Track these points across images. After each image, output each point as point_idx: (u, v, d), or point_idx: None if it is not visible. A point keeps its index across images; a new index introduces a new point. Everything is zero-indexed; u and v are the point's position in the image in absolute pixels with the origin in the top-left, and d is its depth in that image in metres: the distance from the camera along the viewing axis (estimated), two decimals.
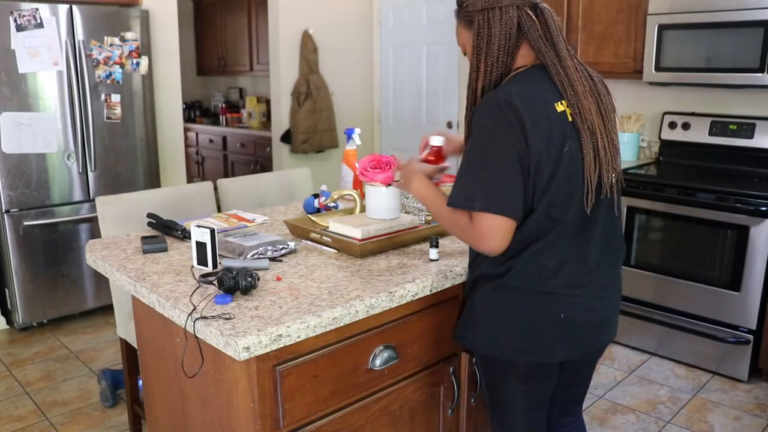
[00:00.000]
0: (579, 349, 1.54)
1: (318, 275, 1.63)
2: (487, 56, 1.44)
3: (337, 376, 1.46)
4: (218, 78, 7.66)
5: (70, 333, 3.67)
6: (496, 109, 1.37)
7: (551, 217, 1.41)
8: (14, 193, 3.51)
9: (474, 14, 1.44)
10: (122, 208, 2.38)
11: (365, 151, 5.21)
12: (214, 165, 6.90)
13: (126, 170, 3.86)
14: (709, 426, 2.72)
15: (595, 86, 1.45)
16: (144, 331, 1.76)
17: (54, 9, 3.46)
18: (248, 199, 2.73)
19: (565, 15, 3.78)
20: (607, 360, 3.32)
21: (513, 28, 1.41)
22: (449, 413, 1.80)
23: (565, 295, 1.46)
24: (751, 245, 2.94)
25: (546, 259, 1.44)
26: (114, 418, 2.78)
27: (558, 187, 1.39)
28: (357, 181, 2.40)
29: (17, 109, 3.44)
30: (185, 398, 1.60)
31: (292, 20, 4.86)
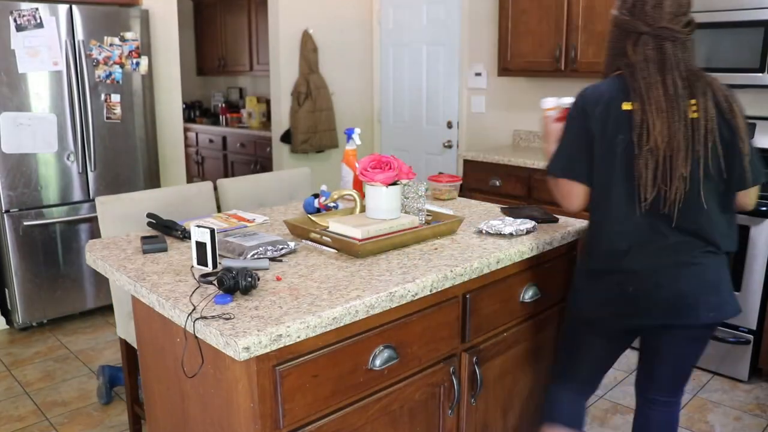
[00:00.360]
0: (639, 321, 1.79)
1: (318, 275, 1.63)
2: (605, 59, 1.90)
3: (337, 376, 1.46)
4: (218, 78, 7.66)
5: (70, 333, 3.67)
6: (576, 100, 1.81)
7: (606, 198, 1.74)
8: (14, 193, 3.51)
9: (610, 29, 1.84)
10: (122, 208, 2.38)
11: (365, 151, 5.21)
12: (214, 165, 6.90)
13: (126, 170, 3.86)
14: (709, 426, 2.72)
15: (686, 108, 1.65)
16: (144, 331, 1.76)
17: (54, 9, 3.46)
18: (248, 199, 2.72)
19: (565, 15, 3.79)
20: None
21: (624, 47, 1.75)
22: (449, 413, 1.80)
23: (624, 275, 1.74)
24: (751, 245, 2.94)
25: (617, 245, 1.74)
26: (114, 418, 2.78)
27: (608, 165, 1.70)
28: (357, 181, 2.40)
29: (17, 109, 3.44)
30: (185, 398, 1.60)
31: (292, 20, 4.86)
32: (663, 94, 1.64)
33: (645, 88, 1.65)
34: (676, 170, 1.62)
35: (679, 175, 1.62)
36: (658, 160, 1.62)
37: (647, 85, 1.66)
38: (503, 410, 2.03)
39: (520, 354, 2.03)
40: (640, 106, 1.65)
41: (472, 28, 4.66)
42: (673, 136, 1.62)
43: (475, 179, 4.05)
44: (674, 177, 1.63)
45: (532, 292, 1.97)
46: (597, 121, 1.70)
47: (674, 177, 1.63)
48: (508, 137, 4.62)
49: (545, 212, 2.21)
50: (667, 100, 1.64)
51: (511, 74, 4.17)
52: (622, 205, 1.70)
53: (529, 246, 1.91)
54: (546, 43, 3.91)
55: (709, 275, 1.73)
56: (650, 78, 1.66)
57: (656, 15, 1.68)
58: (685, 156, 1.63)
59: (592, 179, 1.74)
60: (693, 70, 1.68)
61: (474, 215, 2.28)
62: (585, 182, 1.76)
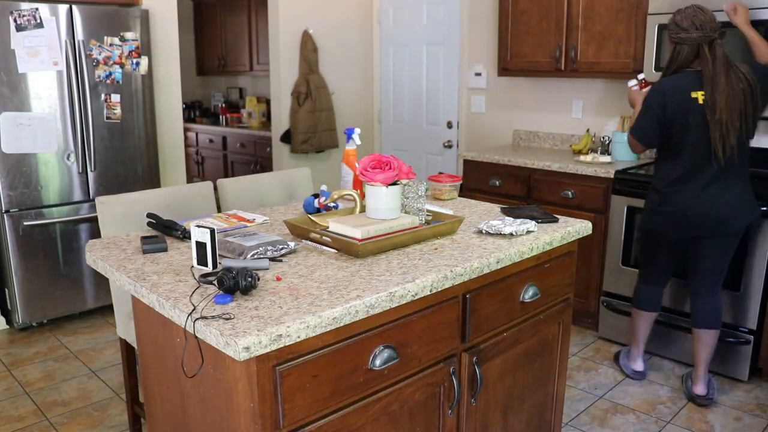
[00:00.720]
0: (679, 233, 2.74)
1: (318, 275, 1.63)
2: (672, 63, 2.65)
3: (337, 376, 1.46)
4: (218, 78, 7.66)
5: (70, 333, 3.67)
6: (655, 86, 2.68)
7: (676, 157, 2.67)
8: (14, 193, 3.51)
9: (673, 42, 2.64)
10: (122, 208, 2.38)
11: (365, 151, 5.21)
12: (214, 165, 6.91)
13: (126, 170, 3.86)
14: (709, 426, 2.72)
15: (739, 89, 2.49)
16: (144, 331, 1.76)
17: (54, 9, 3.46)
18: (248, 199, 2.72)
19: (565, 15, 3.79)
20: (606, 360, 3.32)
21: (690, 56, 2.59)
22: (449, 413, 1.80)
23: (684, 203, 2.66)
24: (751, 245, 2.94)
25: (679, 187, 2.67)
26: (114, 418, 2.78)
27: (680, 137, 2.62)
28: (357, 181, 2.40)
29: (17, 109, 3.44)
30: (185, 398, 1.60)
31: (292, 20, 4.86)
32: (725, 82, 2.48)
33: (712, 79, 2.50)
34: (732, 133, 2.51)
35: (736, 136, 2.51)
36: (722, 128, 2.50)
37: (714, 76, 2.50)
38: (503, 410, 2.03)
39: (520, 354, 2.03)
40: (711, 94, 2.50)
41: (472, 28, 4.66)
42: (732, 111, 2.48)
43: (475, 179, 4.05)
44: (731, 138, 2.51)
45: (532, 292, 1.97)
46: (671, 104, 2.60)
47: (731, 138, 2.51)
48: (508, 137, 4.62)
49: (545, 212, 2.21)
50: (728, 85, 2.48)
51: (511, 74, 4.17)
52: (689, 157, 2.62)
53: (529, 246, 1.91)
54: (546, 43, 3.91)
55: (739, 199, 2.63)
56: (721, 66, 2.50)
57: (715, 26, 2.53)
58: (739, 121, 2.50)
59: (653, 142, 2.72)
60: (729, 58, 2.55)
61: (474, 215, 2.28)
62: (645, 143, 2.75)
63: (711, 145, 2.54)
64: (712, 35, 2.53)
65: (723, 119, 2.49)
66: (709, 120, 2.51)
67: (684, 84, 2.59)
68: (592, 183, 3.49)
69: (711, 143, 2.53)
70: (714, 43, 2.53)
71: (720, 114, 2.48)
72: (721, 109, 2.48)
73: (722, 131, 2.50)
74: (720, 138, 2.51)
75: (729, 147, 2.51)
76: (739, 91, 2.49)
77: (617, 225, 3.37)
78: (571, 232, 2.08)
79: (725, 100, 2.48)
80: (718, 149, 2.52)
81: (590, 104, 4.15)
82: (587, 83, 4.12)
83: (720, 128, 2.50)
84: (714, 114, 2.49)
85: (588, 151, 3.97)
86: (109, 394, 2.99)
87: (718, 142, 2.52)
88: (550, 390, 2.22)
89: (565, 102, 4.27)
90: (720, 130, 2.51)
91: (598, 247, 3.52)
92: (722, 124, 2.49)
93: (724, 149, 2.52)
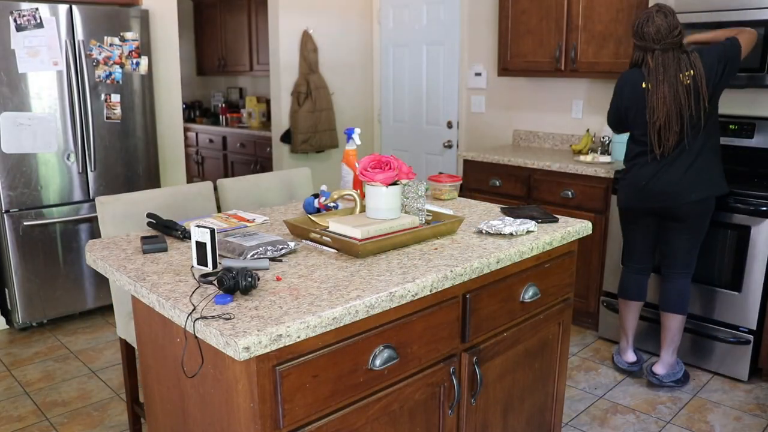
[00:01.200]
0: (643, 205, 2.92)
1: (318, 275, 1.63)
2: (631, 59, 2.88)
3: (337, 376, 1.46)
4: (218, 78, 7.66)
5: (70, 333, 3.67)
6: (619, 77, 2.94)
7: (636, 138, 2.90)
8: (14, 193, 3.51)
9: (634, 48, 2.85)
10: (122, 208, 2.38)
11: (365, 151, 5.21)
12: (214, 165, 6.91)
13: (126, 170, 3.86)
14: (709, 426, 2.72)
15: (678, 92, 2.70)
16: (144, 331, 1.76)
17: (54, 9, 3.46)
18: (248, 199, 2.72)
19: (565, 15, 3.79)
20: (606, 360, 3.32)
21: (639, 58, 2.81)
22: (449, 413, 1.80)
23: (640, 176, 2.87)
24: (751, 245, 2.94)
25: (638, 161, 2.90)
26: (114, 418, 2.78)
27: (635, 122, 2.85)
28: (357, 181, 2.40)
29: (17, 109, 3.44)
30: (185, 398, 1.60)
31: (292, 20, 4.86)
32: (661, 88, 2.70)
33: (656, 81, 2.72)
34: (672, 136, 2.73)
35: (673, 130, 2.72)
36: (660, 131, 2.74)
37: (657, 80, 2.71)
38: (503, 410, 2.03)
39: (520, 354, 2.03)
40: (650, 99, 2.73)
41: (472, 28, 4.66)
42: (670, 115, 2.70)
43: (475, 179, 4.05)
44: (670, 137, 2.73)
45: (532, 292, 1.97)
46: (627, 93, 2.85)
47: (670, 137, 2.73)
48: (508, 137, 4.62)
49: (545, 212, 2.21)
50: (665, 90, 2.70)
51: (511, 74, 4.17)
52: (646, 138, 2.81)
53: (529, 246, 1.91)
54: (546, 43, 3.91)
55: (695, 174, 2.77)
56: (659, 75, 2.71)
57: (658, 37, 2.69)
58: (679, 121, 2.71)
59: (617, 127, 3.02)
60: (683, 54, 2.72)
61: (474, 215, 2.28)
62: (611, 127, 3.07)
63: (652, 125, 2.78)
64: (652, 46, 2.70)
65: (658, 125, 2.73)
66: (647, 122, 2.76)
67: (637, 76, 2.80)
68: (592, 183, 3.49)
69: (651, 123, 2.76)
70: (654, 53, 2.71)
71: (657, 119, 2.72)
72: (658, 116, 2.71)
73: (660, 132, 2.74)
74: (656, 136, 2.75)
75: (667, 146, 2.74)
76: (679, 94, 2.68)
77: (617, 225, 3.37)
78: (571, 232, 2.08)
79: (662, 105, 2.69)
80: (656, 146, 2.76)
81: (590, 104, 4.15)
82: (587, 83, 4.12)
83: (657, 130, 2.74)
84: (651, 118, 2.74)
85: (588, 151, 3.98)
86: (109, 394, 2.99)
87: (654, 140, 2.76)
88: (550, 390, 2.22)
89: (565, 102, 4.27)
90: (657, 131, 2.74)
91: (598, 247, 3.52)
92: (659, 127, 2.73)
93: (661, 145, 2.76)
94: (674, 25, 2.69)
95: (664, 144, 2.76)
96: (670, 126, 2.72)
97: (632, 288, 3.09)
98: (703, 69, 2.69)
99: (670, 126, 2.72)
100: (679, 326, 2.96)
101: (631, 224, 3.05)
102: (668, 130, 2.73)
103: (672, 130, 2.72)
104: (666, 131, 2.73)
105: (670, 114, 2.71)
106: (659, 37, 2.69)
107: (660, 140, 2.76)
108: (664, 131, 2.74)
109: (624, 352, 3.17)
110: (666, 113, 2.71)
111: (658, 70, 2.71)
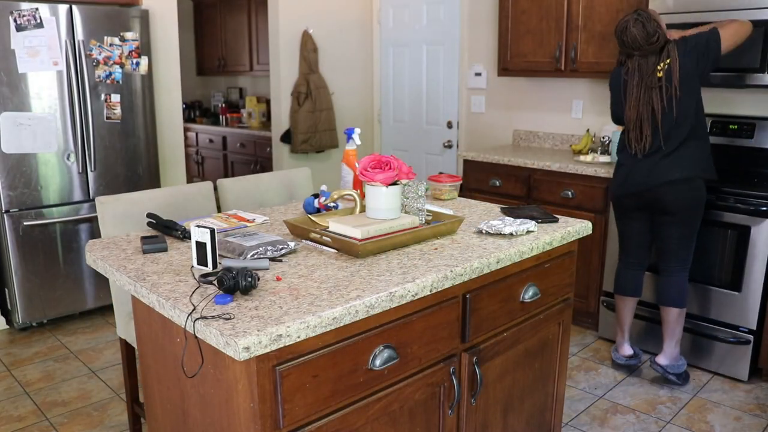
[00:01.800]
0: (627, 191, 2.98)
1: (318, 275, 1.63)
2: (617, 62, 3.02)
3: (337, 376, 1.46)
4: (218, 78, 7.66)
5: (70, 333, 3.67)
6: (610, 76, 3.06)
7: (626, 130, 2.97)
8: (14, 193, 3.51)
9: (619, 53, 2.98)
10: (122, 208, 2.38)
11: (365, 151, 5.21)
12: (214, 165, 6.91)
13: (126, 170, 3.86)
14: (709, 426, 2.72)
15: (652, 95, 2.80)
16: (144, 331, 1.76)
17: (54, 9, 3.46)
18: (248, 199, 2.73)
19: (565, 15, 3.79)
20: (606, 360, 3.32)
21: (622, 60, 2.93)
22: (449, 413, 1.80)
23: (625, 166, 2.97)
24: (751, 245, 2.94)
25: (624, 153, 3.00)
26: (114, 418, 2.78)
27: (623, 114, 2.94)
28: (357, 181, 2.40)
29: (17, 109, 3.44)
30: (185, 398, 1.60)
31: (292, 20, 4.86)
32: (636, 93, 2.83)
33: (631, 85, 2.85)
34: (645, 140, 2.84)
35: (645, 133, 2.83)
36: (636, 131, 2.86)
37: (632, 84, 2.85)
38: (503, 410, 2.03)
39: (520, 354, 2.03)
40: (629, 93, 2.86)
41: (472, 28, 4.66)
42: (643, 119, 2.82)
43: (475, 179, 4.05)
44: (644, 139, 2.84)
45: (532, 292, 1.97)
46: (614, 87, 2.98)
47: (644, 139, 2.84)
48: (508, 137, 4.62)
49: (545, 212, 2.21)
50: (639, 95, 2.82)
51: (511, 74, 4.17)
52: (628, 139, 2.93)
53: (529, 246, 1.91)
54: (546, 43, 3.91)
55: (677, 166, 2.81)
56: (633, 80, 2.84)
57: (635, 45, 2.79)
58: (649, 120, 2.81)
59: (615, 118, 3.04)
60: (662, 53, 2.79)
61: (474, 215, 2.28)
62: (613, 119, 3.07)
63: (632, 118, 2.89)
64: (631, 52, 2.82)
65: (631, 126, 2.87)
66: (625, 123, 2.92)
67: (619, 75, 2.95)
68: (592, 183, 3.49)
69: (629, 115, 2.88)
70: (633, 57, 2.82)
71: (629, 121, 2.87)
72: (630, 118, 2.86)
73: (636, 133, 2.86)
74: (634, 137, 2.87)
75: (639, 148, 2.86)
76: (652, 98, 2.79)
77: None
78: (571, 232, 2.08)
79: (634, 107, 2.83)
80: (632, 145, 2.88)
81: (590, 104, 4.15)
82: (587, 83, 4.12)
83: (634, 130, 2.86)
84: (628, 120, 2.88)
85: (588, 151, 3.97)
86: (109, 394, 2.99)
87: (632, 140, 2.87)
88: (550, 390, 2.22)
89: (565, 102, 4.27)
90: (634, 132, 2.87)
91: (598, 247, 3.52)
92: (636, 130, 2.86)
93: (635, 147, 2.88)
94: (652, 32, 2.74)
95: (635, 146, 2.87)
96: (641, 129, 2.83)
97: (627, 283, 3.12)
98: (677, 56, 2.74)
99: (641, 129, 2.83)
100: (677, 319, 2.97)
101: (623, 217, 3.08)
102: (640, 133, 2.84)
103: (644, 133, 2.82)
104: (637, 133, 2.85)
105: (641, 118, 2.81)
106: (636, 45, 2.78)
107: (632, 142, 2.88)
108: (635, 133, 2.85)
109: (620, 347, 3.19)
110: (638, 116, 2.82)
111: (633, 74, 2.82)
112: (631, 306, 3.14)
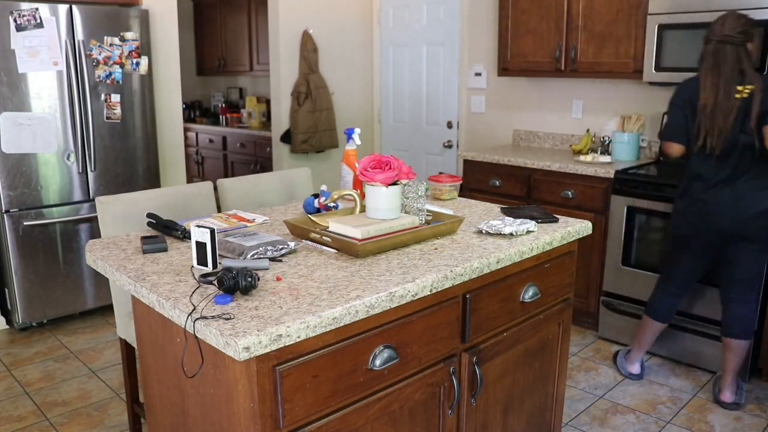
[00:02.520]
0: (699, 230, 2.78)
1: (318, 275, 1.63)
2: None
3: (337, 376, 1.46)
4: (218, 78, 7.66)
5: (70, 333, 3.67)
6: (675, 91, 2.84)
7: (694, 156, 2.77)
8: (14, 193, 3.51)
9: None
10: (122, 208, 2.38)
11: (365, 151, 5.21)
12: (214, 165, 6.91)
13: (126, 170, 3.86)
14: (709, 426, 2.72)
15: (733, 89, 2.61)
16: (144, 331, 1.76)
17: (54, 9, 3.46)
18: (248, 199, 2.73)
19: (565, 15, 3.79)
20: (606, 360, 3.32)
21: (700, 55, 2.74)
22: (449, 413, 1.80)
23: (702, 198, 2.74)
24: None
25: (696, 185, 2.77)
26: (114, 418, 2.78)
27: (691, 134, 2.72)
28: (357, 181, 2.40)
29: (17, 109, 3.44)
30: (185, 398, 1.60)
31: (292, 20, 4.86)
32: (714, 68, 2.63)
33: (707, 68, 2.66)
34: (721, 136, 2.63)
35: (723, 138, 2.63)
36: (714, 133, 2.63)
37: (706, 68, 2.67)
38: (503, 410, 2.03)
39: (520, 354, 2.03)
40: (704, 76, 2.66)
41: (472, 28, 4.66)
42: (718, 114, 2.62)
43: (475, 179, 4.05)
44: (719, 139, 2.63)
45: (532, 292, 1.97)
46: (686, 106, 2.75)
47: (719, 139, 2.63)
48: (508, 137, 4.62)
49: (545, 212, 2.21)
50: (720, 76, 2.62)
51: (511, 74, 4.17)
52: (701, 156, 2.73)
53: (529, 246, 1.91)
54: (546, 43, 3.91)
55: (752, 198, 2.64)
56: (707, 64, 2.66)
57: (719, 30, 2.64)
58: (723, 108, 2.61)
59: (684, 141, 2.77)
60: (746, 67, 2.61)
61: (474, 215, 2.28)
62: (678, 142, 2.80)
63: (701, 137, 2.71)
64: (711, 37, 2.69)
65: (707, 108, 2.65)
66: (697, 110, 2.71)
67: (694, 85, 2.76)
68: (592, 183, 3.49)
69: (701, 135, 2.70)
70: (711, 42, 2.68)
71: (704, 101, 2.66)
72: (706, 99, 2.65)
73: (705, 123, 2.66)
74: (705, 123, 2.66)
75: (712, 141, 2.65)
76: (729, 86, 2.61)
77: (617, 225, 3.37)
78: (571, 232, 2.08)
79: (710, 88, 2.64)
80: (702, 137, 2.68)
81: (590, 104, 4.15)
82: (587, 83, 4.12)
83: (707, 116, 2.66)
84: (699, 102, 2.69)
85: (588, 151, 3.98)
86: (109, 394, 2.99)
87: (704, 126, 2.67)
88: (550, 390, 2.22)
89: (565, 102, 4.27)
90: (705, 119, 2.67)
91: (598, 247, 3.52)
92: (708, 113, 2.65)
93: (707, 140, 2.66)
94: (742, 27, 2.62)
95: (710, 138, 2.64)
96: (715, 115, 2.61)
97: (663, 309, 2.98)
98: (762, 86, 2.58)
99: (715, 115, 2.61)
100: (745, 351, 2.82)
101: (683, 251, 2.88)
102: (713, 119, 2.62)
103: (717, 119, 2.61)
104: (711, 120, 2.62)
105: (717, 100, 2.61)
106: (720, 30, 2.63)
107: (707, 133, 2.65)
108: (708, 121, 2.63)
109: (632, 363, 3.13)
110: (714, 97, 2.61)
111: (707, 60, 2.65)
112: (657, 330, 3.03)
